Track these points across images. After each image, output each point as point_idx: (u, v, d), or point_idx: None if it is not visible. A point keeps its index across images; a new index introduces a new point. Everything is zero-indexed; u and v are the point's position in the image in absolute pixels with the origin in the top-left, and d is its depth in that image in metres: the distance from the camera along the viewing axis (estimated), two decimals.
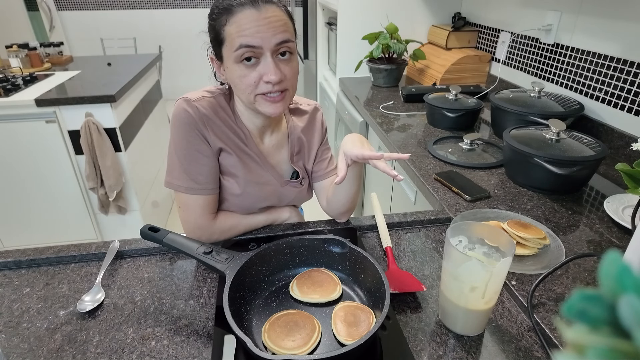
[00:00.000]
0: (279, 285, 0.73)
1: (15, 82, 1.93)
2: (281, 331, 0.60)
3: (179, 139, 0.78)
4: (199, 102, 0.78)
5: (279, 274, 0.75)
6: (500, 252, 0.62)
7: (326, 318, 0.66)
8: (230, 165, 0.83)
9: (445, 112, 1.43)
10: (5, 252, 0.81)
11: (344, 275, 0.74)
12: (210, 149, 0.80)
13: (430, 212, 0.95)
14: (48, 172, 1.95)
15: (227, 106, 0.82)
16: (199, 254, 0.70)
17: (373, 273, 0.67)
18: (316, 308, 0.68)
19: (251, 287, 0.70)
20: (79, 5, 3.89)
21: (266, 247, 0.72)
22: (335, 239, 0.74)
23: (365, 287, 0.71)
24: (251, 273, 0.70)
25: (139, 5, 3.99)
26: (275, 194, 0.90)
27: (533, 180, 1.03)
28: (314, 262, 0.76)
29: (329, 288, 0.70)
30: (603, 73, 1.29)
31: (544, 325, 0.64)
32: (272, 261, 0.74)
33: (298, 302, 0.69)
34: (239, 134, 0.83)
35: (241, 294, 0.67)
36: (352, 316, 0.63)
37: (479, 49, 2.03)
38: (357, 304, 0.67)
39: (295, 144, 0.91)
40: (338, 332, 0.61)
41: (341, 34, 2.17)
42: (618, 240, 0.85)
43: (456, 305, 0.61)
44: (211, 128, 0.79)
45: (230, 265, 0.67)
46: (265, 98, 0.74)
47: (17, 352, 0.61)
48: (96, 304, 0.69)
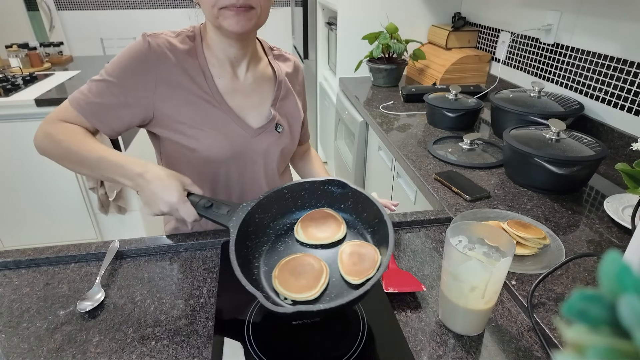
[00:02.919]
0: (284, 229, 0.74)
1: (15, 82, 1.93)
2: (290, 275, 0.62)
3: (114, 65, 0.75)
4: (153, 37, 0.76)
5: (283, 218, 0.75)
6: (500, 252, 0.62)
7: (333, 258, 0.67)
8: (179, 112, 0.78)
9: (445, 112, 1.43)
10: (5, 252, 0.81)
11: (347, 215, 0.75)
12: (140, 94, 0.75)
13: (430, 212, 0.95)
14: (48, 172, 1.95)
15: (191, 45, 0.79)
16: (200, 208, 0.68)
17: (375, 212, 0.67)
18: (322, 250, 0.69)
19: (257, 235, 0.70)
20: (79, 5, 3.88)
21: (266, 196, 0.72)
22: (335, 180, 0.74)
23: (368, 226, 0.71)
24: (254, 222, 0.69)
25: (139, 5, 3.99)
26: (243, 144, 0.83)
27: (533, 180, 1.03)
28: (316, 203, 0.76)
29: (333, 228, 0.71)
30: (603, 73, 1.29)
31: (544, 325, 0.64)
32: (274, 207, 0.73)
33: (304, 244, 0.70)
34: (195, 74, 0.78)
35: (247, 244, 0.67)
36: (357, 255, 0.64)
37: (479, 48, 2.03)
38: (362, 242, 0.68)
39: (282, 88, 0.89)
40: (346, 272, 0.63)
41: (341, 33, 2.17)
42: (618, 240, 0.85)
43: (456, 305, 0.61)
44: (160, 65, 0.76)
45: (233, 217, 0.67)
46: (229, 10, 0.70)
47: (17, 352, 0.61)
48: (96, 304, 0.69)
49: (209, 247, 0.85)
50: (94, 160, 0.70)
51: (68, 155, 0.73)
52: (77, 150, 0.71)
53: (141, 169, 0.67)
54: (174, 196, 0.65)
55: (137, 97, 0.77)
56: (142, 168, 0.67)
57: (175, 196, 0.66)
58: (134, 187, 0.69)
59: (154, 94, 0.77)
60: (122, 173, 0.68)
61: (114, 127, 0.78)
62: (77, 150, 0.71)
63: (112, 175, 0.70)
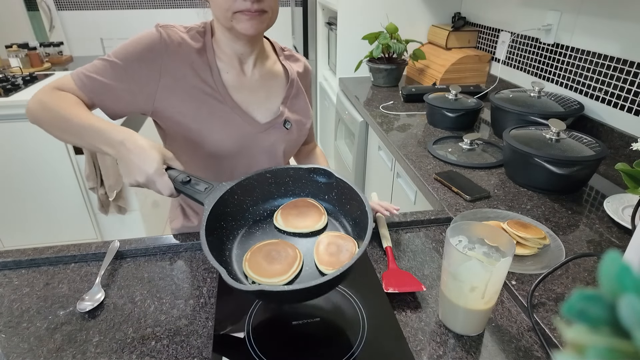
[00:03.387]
0: (264, 215, 0.72)
1: (15, 82, 1.93)
2: (262, 260, 0.60)
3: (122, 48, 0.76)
4: (165, 29, 0.77)
5: (264, 204, 0.73)
6: (500, 252, 0.62)
7: (310, 247, 0.65)
8: (183, 106, 0.78)
9: (445, 112, 1.43)
10: (5, 252, 0.81)
11: (330, 206, 0.73)
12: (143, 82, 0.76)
13: (430, 212, 0.95)
14: (48, 172, 1.95)
15: (201, 41, 0.80)
16: (177, 183, 0.66)
17: (359, 204, 0.65)
18: (300, 238, 0.68)
19: (234, 217, 0.68)
20: (79, 5, 3.88)
21: (248, 177, 0.70)
22: (321, 168, 0.72)
23: (350, 218, 0.69)
24: (233, 203, 0.68)
25: (139, 5, 3.99)
26: (249, 139, 0.84)
27: (533, 180, 1.03)
28: (300, 192, 0.74)
29: (314, 218, 0.69)
30: (603, 73, 1.29)
31: (544, 325, 0.64)
32: (255, 191, 0.72)
33: (282, 232, 0.69)
34: (201, 69, 0.79)
35: (222, 224, 0.65)
36: (335, 246, 0.62)
37: (479, 48, 2.03)
38: (341, 234, 0.67)
39: (294, 86, 0.90)
40: (320, 261, 0.61)
41: (341, 33, 2.17)
42: (618, 240, 0.85)
43: (456, 305, 0.61)
44: (167, 56, 0.76)
45: (210, 194, 0.65)
46: (243, 14, 0.72)
47: (17, 352, 0.61)
48: (96, 304, 0.69)
49: None
50: (79, 127, 0.69)
51: (55, 121, 0.72)
52: (65, 116, 0.69)
53: (123, 136, 0.66)
54: (152, 167, 0.64)
55: (140, 84, 0.77)
56: (123, 135, 0.66)
57: (154, 167, 0.64)
58: (115, 154, 0.67)
59: (157, 84, 0.77)
60: (104, 140, 0.67)
61: (111, 107, 0.77)
62: (65, 116, 0.69)
63: (95, 142, 0.68)
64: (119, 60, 0.75)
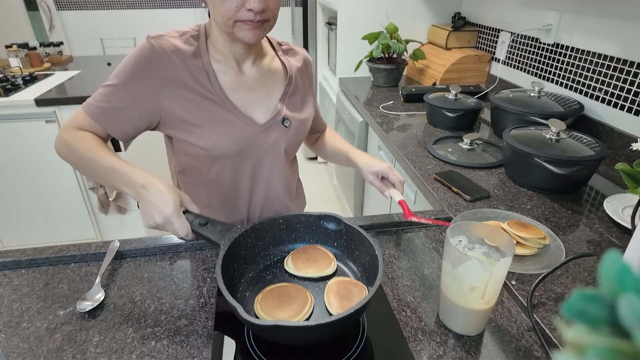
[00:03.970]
0: (274, 259, 0.74)
1: (15, 82, 1.93)
2: (273, 302, 0.61)
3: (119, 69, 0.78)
4: (156, 39, 0.77)
5: (274, 248, 0.75)
6: (500, 252, 0.62)
7: (320, 292, 0.66)
8: (185, 112, 0.79)
9: (445, 112, 1.43)
10: (5, 252, 0.81)
11: (339, 252, 0.75)
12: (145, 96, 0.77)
13: (430, 212, 0.95)
14: (48, 171, 1.95)
15: (195, 45, 0.80)
16: (195, 225, 0.69)
17: (367, 249, 0.67)
18: (310, 282, 0.69)
19: (245, 259, 0.70)
20: (79, 5, 3.88)
21: (261, 222, 0.72)
22: (330, 215, 0.74)
23: (359, 264, 0.71)
24: (246, 246, 0.70)
25: (139, 5, 3.99)
26: (249, 141, 0.84)
27: (533, 180, 1.03)
28: (310, 238, 0.76)
29: (323, 264, 0.70)
30: (603, 73, 1.29)
31: (544, 325, 0.64)
32: (267, 235, 0.74)
33: (292, 276, 0.70)
34: (198, 74, 0.79)
35: (235, 266, 0.67)
36: (345, 290, 0.63)
37: (479, 48, 2.03)
38: (351, 279, 0.68)
39: (293, 83, 0.89)
40: (330, 305, 0.62)
41: (341, 33, 2.17)
42: (618, 240, 0.85)
43: (456, 305, 0.61)
44: (163, 66, 0.77)
45: (225, 236, 0.67)
46: (245, 24, 0.72)
47: (16, 352, 0.61)
48: (96, 303, 0.69)
49: (209, 247, 0.85)
50: (104, 169, 0.74)
51: (81, 163, 0.77)
52: (89, 159, 0.75)
53: (144, 180, 0.70)
54: (169, 208, 0.67)
55: (143, 98, 0.78)
56: (144, 179, 0.70)
57: (171, 209, 0.67)
58: (136, 196, 0.71)
59: (159, 95, 0.78)
60: (126, 183, 0.72)
61: (123, 130, 0.80)
62: (89, 159, 0.75)
63: (117, 184, 0.73)
64: (118, 82, 0.77)
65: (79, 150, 0.76)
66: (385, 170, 0.88)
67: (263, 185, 0.91)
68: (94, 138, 0.78)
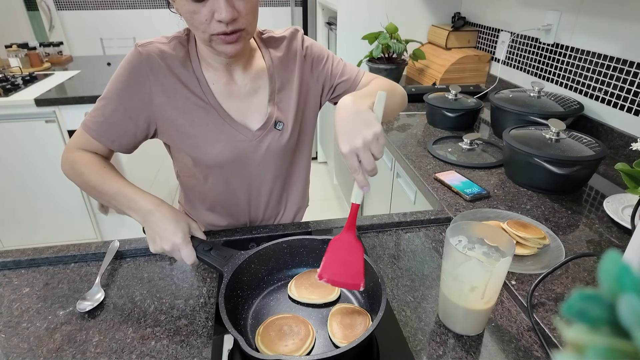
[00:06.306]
0: (278, 284, 0.73)
1: (14, 81, 1.93)
2: (275, 335, 0.60)
3: (111, 81, 0.77)
4: (144, 47, 0.75)
5: (278, 273, 0.75)
6: (500, 252, 0.62)
7: (323, 319, 0.66)
8: (178, 120, 0.77)
9: (445, 112, 1.43)
10: (5, 252, 0.81)
11: None
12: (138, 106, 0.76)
13: (430, 211, 0.95)
14: (48, 171, 1.95)
15: (184, 51, 0.77)
16: (199, 251, 0.70)
17: (371, 275, 0.66)
18: (313, 309, 0.68)
19: (249, 285, 0.70)
20: (79, 5, 3.88)
21: (266, 247, 0.72)
22: None
23: (363, 290, 0.70)
24: (250, 272, 0.70)
25: (139, 5, 3.99)
26: (244, 149, 0.81)
27: (533, 180, 1.03)
28: (314, 262, 0.76)
29: (327, 289, 0.70)
30: (603, 73, 1.29)
31: (544, 325, 0.64)
32: (271, 260, 0.73)
33: (296, 302, 0.69)
34: (188, 81, 0.77)
35: (239, 292, 0.67)
36: (349, 318, 0.63)
37: (479, 48, 2.03)
38: (354, 306, 0.67)
39: (276, 78, 0.83)
40: (334, 335, 0.61)
41: (341, 33, 2.17)
42: (618, 240, 0.85)
43: (456, 305, 0.61)
44: (153, 74, 0.75)
45: (229, 263, 0.67)
46: (219, 37, 0.68)
47: (16, 352, 0.61)
48: (96, 303, 0.69)
49: None
50: (111, 193, 0.74)
51: (88, 188, 0.77)
52: (95, 184, 0.75)
53: (152, 206, 0.70)
54: (178, 237, 0.67)
55: (136, 108, 0.77)
56: (152, 205, 0.70)
57: (180, 237, 0.67)
58: (142, 222, 0.71)
59: (151, 104, 0.77)
60: (133, 208, 0.72)
61: (121, 142, 0.80)
62: (95, 184, 0.75)
63: (124, 209, 0.73)
64: (111, 95, 0.77)
65: (84, 174, 0.76)
66: (346, 158, 0.66)
67: (262, 190, 0.89)
68: (98, 161, 0.78)
